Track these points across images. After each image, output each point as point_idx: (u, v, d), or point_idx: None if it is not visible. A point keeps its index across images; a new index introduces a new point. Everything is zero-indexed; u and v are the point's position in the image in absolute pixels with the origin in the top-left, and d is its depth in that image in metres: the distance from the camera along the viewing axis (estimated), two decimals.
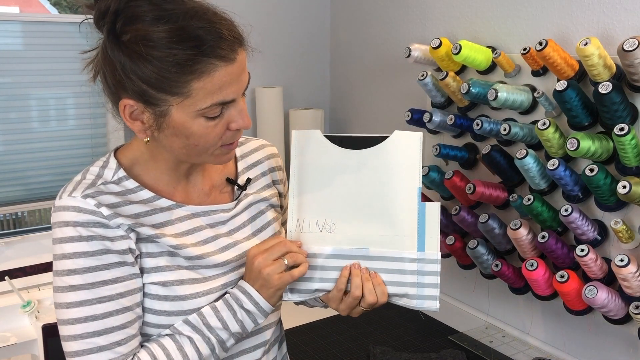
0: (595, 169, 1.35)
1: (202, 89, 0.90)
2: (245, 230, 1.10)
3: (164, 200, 1.01)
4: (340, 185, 1.08)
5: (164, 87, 0.89)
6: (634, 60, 1.29)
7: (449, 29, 1.91)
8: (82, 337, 0.93)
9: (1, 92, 2.04)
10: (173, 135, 0.94)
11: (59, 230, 0.93)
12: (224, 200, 1.10)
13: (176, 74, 0.88)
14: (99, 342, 0.93)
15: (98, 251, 0.93)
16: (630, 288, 1.35)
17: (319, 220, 1.08)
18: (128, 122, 0.95)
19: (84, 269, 0.93)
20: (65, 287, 0.93)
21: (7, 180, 2.09)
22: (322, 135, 1.10)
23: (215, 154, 0.98)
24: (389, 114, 2.24)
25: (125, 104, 0.92)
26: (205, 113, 0.92)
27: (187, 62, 0.87)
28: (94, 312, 0.93)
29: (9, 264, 2.05)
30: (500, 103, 1.53)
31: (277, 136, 2.36)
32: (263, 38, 2.43)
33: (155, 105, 0.91)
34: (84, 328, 0.93)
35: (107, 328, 0.94)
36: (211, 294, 1.01)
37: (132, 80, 0.89)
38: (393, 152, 1.07)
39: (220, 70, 0.90)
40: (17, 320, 1.89)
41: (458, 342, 1.72)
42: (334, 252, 1.07)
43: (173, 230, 1.00)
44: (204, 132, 0.93)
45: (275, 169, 1.20)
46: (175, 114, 0.91)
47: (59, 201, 0.95)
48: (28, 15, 2.10)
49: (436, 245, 1.06)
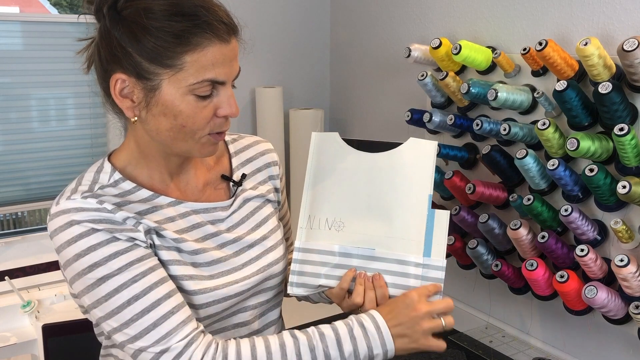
0: (595, 169, 1.35)
1: (194, 63, 0.91)
2: (243, 226, 1.10)
3: (163, 198, 1.01)
4: (353, 186, 1.10)
5: (158, 58, 0.90)
6: (633, 60, 1.29)
7: (449, 29, 1.91)
8: (133, 320, 0.91)
9: (1, 92, 2.04)
10: (161, 114, 0.94)
11: (63, 233, 0.92)
12: (219, 197, 1.10)
13: (172, 44, 0.90)
14: (152, 318, 0.91)
15: (112, 238, 0.92)
16: (630, 288, 1.35)
17: (328, 218, 1.10)
18: (117, 100, 0.95)
19: (105, 258, 0.91)
20: (95, 283, 0.91)
21: (7, 180, 2.09)
22: (340, 138, 1.12)
23: (201, 142, 0.97)
24: (389, 114, 2.24)
25: (117, 79, 0.93)
26: (195, 90, 0.92)
27: (183, 33, 0.89)
28: (133, 292, 0.91)
29: (9, 264, 2.05)
30: (500, 103, 1.53)
31: (277, 136, 2.36)
32: (263, 38, 2.43)
33: (148, 79, 0.92)
34: (131, 310, 0.91)
35: (153, 302, 0.91)
36: (218, 290, 1.01)
37: (128, 53, 0.91)
38: (407, 157, 1.09)
39: (214, 47, 0.91)
40: (17, 320, 1.89)
41: (458, 342, 1.72)
42: (340, 250, 1.08)
43: (175, 227, 1.01)
44: (192, 112, 0.93)
45: (271, 164, 1.20)
46: (165, 89, 0.92)
47: (56, 207, 0.94)
48: (28, 15, 2.10)
49: (442, 252, 1.06)
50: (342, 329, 0.97)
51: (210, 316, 1.02)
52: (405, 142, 1.10)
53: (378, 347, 0.97)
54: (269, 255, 1.11)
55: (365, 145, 1.11)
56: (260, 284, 1.09)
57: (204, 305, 1.00)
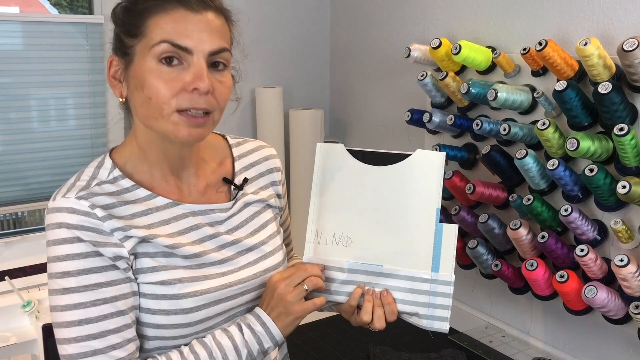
0: (595, 169, 1.35)
1: (156, 25, 0.92)
2: (242, 230, 1.10)
3: (160, 199, 1.01)
4: (359, 200, 1.09)
5: (130, 29, 0.94)
6: (633, 60, 1.29)
7: (449, 29, 1.91)
8: (77, 340, 0.92)
9: (1, 92, 2.04)
10: (135, 88, 0.95)
11: (52, 232, 0.93)
12: (221, 200, 1.10)
13: (139, 13, 0.93)
14: (95, 345, 0.93)
15: (92, 252, 0.93)
16: (630, 288, 1.35)
17: (336, 233, 1.10)
18: (110, 82, 0.99)
19: (78, 271, 0.92)
20: (60, 290, 0.93)
21: (7, 180, 2.09)
22: (344, 149, 1.11)
23: (172, 121, 0.94)
24: (389, 114, 2.24)
25: (111, 59, 0.98)
26: (157, 53, 0.92)
27: (150, 2, 0.93)
28: (88, 315, 0.93)
29: (9, 264, 2.05)
30: (500, 103, 1.53)
31: (277, 136, 2.36)
32: (263, 38, 2.43)
33: (126, 53, 0.95)
34: (79, 331, 0.92)
35: (102, 331, 0.93)
36: (209, 293, 1.01)
37: (116, 36, 0.96)
38: (414, 170, 1.07)
39: (178, 12, 0.92)
40: (17, 320, 1.89)
41: (458, 342, 1.72)
42: (348, 267, 1.08)
43: (169, 230, 1.00)
44: (156, 80, 0.92)
45: (273, 170, 1.20)
46: (136, 60, 0.94)
47: (52, 203, 0.95)
48: (28, 15, 2.10)
49: (451, 267, 1.06)
50: (237, 335, 1.01)
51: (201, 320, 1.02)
52: (413, 154, 1.08)
53: (268, 341, 1.02)
54: (266, 261, 1.10)
55: (372, 157, 1.09)
56: (255, 289, 1.09)
57: (193, 309, 0.99)
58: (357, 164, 1.10)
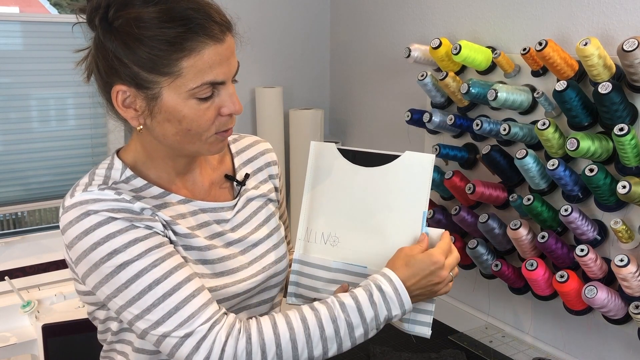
0: (595, 169, 1.35)
1: (192, 67, 0.90)
2: (246, 226, 1.11)
3: (174, 196, 1.02)
4: (348, 201, 1.09)
5: (155, 67, 0.90)
6: (633, 61, 1.29)
7: (449, 29, 1.91)
8: (154, 305, 0.90)
9: (1, 92, 2.04)
10: (165, 120, 0.94)
11: (80, 224, 0.92)
12: (224, 196, 1.11)
13: (167, 52, 0.89)
14: (174, 302, 0.90)
15: (130, 226, 0.92)
16: (630, 288, 1.35)
17: (324, 232, 1.10)
18: (121, 110, 0.95)
19: (124, 245, 0.91)
20: (114, 271, 0.91)
21: (7, 180, 2.09)
22: (336, 149, 1.11)
23: (209, 142, 0.97)
24: (389, 114, 2.24)
25: (117, 90, 0.93)
26: (196, 94, 0.92)
27: (176, 40, 0.89)
28: (154, 276, 0.91)
29: (9, 264, 2.05)
30: (500, 103, 1.53)
31: (277, 136, 2.36)
32: (263, 38, 2.43)
33: (147, 88, 0.92)
34: (153, 295, 0.90)
35: (174, 285, 0.91)
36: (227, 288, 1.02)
37: (124, 64, 0.91)
38: (402, 173, 1.06)
39: (210, 48, 0.91)
40: (17, 320, 1.89)
41: (458, 342, 1.72)
42: (334, 266, 1.08)
43: (186, 224, 1.02)
44: (195, 115, 0.93)
45: (270, 163, 1.21)
46: (166, 97, 0.92)
47: (70, 199, 0.94)
48: (28, 15, 2.10)
49: None
50: (362, 295, 0.98)
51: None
52: (402, 156, 1.07)
53: (397, 308, 1.00)
54: (272, 253, 1.12)
55: (362, 157, 1.09)
56: (265, 282, 1.10)
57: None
58: (347, 164, 1.10)
